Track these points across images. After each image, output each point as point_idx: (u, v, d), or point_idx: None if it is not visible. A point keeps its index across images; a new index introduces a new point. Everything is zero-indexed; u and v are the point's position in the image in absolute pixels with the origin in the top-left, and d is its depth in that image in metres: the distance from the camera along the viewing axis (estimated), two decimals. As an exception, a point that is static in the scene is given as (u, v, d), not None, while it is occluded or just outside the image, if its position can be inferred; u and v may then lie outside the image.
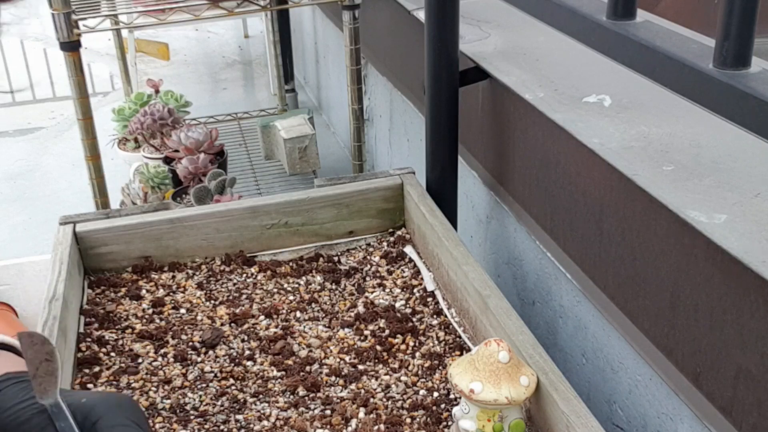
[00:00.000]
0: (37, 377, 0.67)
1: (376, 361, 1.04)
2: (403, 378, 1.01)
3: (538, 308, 1.32)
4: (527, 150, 1.25)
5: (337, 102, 2.73)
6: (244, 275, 1.24)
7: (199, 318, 1.14)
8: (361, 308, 1.15)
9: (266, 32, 2.86)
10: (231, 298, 1.18)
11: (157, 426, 0.95)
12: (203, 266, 1.26)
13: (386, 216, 1.33)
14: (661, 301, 0.96)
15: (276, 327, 1.12)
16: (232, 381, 1.02)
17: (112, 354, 1.07)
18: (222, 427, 0.95)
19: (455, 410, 0.88)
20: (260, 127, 2.22)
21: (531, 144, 1.23)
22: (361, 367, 1.04)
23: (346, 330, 1.11)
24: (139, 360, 1.06)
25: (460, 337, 1.08)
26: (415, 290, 1.19)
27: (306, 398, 0.99)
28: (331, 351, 1.07)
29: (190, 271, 1.24)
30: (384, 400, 0.98)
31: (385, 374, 1.02)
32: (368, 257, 1.28)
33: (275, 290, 1.20)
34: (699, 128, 1.05)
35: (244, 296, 1.19)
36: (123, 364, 1.05)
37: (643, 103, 1.14)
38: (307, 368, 1.04)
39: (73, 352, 1.05)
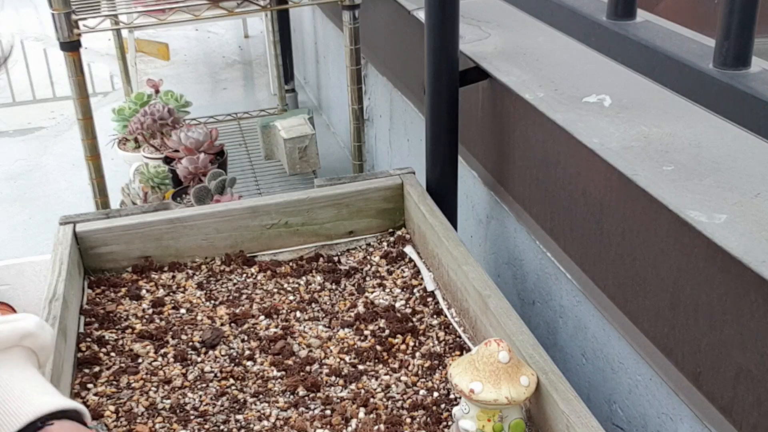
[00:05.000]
0: None
1: (376, 361, 1.04)
2: (403, 378, 1.01)
3: (538, 308, 1.32)
4: (527, 150, 1.25)
5: (337, 102, 2.73)
6: (244, 275, 1.24)
7: (199, 318, 1.14)
8: (361, 308, 1.15)
9: (266, 32, 2.86)
10: (231, 298, 1.18)
11: (157, 426, 0.95)
12: (203, 266, 1.26)
13: (386, 216, 1.33)
14: (661, 301, 0.96)
15: (276, 327, 1.12)
16: (232, 381, 1.02)
17: (112, 354, 1.07)
18: (222, 427, 0.95)
19: (455, 410, 0.88)
20: (260, 127, 2.22)
21: (531, 144, 1.23)
22: (361, 367, 1.04)
23: (346, 330, 1.11)
24: (139, 360, 1.06)
25: (460, 337, 1.08)
26: (415, 290, 1.19)
27: (306, 398, 0.99)
28: (331, 351, 1.07)
29: (190, 271, 1.24)
30: (384, 400, 0.98)
31: (385, 374, 1.02)
32: (368, 257, 1.28)
33: (275, 290, 1.20)
34: (699, 128, 1.05)
35: (244, 296, 1.19)
36: (123, 364, 1.05)
37: (643, 103, 1.14)
38: (307, 368, 1.04)
39: (73, 352, 1.05)
